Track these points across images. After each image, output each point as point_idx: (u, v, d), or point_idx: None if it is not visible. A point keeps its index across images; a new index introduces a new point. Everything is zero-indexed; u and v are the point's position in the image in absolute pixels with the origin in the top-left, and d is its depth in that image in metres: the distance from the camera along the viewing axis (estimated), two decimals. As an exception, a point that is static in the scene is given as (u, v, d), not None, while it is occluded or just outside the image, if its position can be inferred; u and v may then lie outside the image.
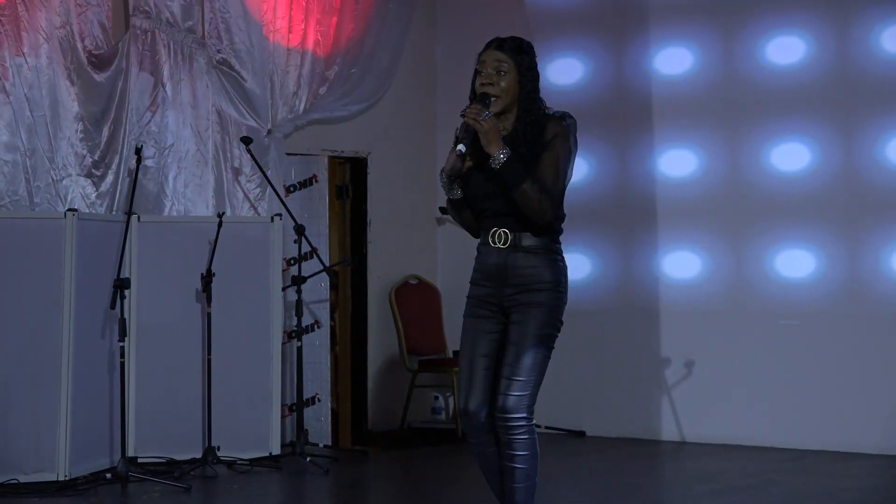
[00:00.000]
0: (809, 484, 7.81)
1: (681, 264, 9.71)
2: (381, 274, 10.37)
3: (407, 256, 10.50)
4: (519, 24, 10.49)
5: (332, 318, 9.89)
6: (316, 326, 9.67)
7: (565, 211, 5.36)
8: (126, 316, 7.96)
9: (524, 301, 5.23)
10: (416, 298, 10.38)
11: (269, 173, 9.28)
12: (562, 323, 5.34)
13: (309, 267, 9.04)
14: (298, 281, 8.85)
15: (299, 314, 8.85)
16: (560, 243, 5.35)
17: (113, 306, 7.80)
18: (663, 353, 9.73)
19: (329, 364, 9.70)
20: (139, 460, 8.33)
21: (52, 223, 7.96)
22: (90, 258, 8.05)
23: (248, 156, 9.10)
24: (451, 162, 5.20)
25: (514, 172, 5.10)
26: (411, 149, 10.54)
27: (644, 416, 9.77)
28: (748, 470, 8.30)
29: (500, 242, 5.28)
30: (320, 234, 9.67)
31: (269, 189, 9.33)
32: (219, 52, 9.41)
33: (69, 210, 8.02)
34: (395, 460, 9.11)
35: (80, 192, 8.66)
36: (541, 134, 5.21)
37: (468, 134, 5.13)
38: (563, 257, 5.35)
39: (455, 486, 5.50)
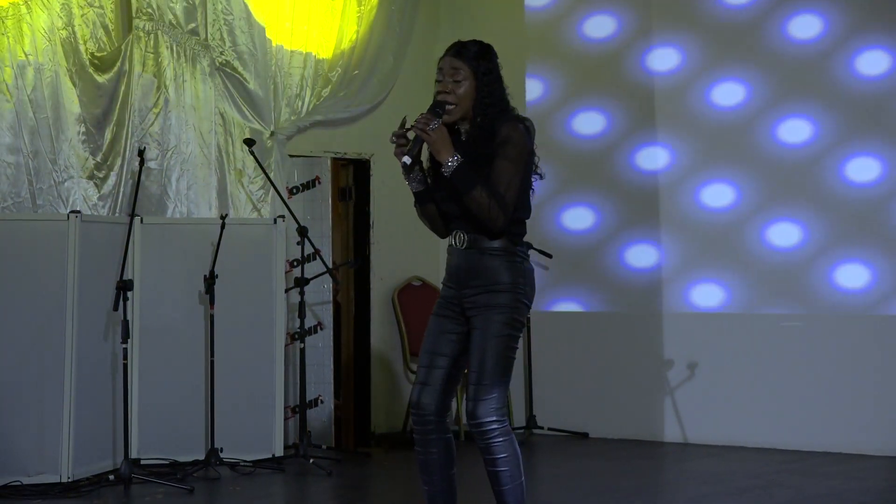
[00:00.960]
0: (814, 485, 7.80)
1: (684, 266, 9.70)
2: (384, 276, 10.37)
3: (410, 258, 10.50)
4: (520, 26, 10.53)
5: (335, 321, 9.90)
6: (319, 328, 9.67)
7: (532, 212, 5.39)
8: (129, 318, 7.95)
9: (483, 303, 5.23)
10: (419, 300, 10.37)
11: (272, 175, 9.29)
12: (523, 324, 5.32)
13: (312, 269, 9.05)
14: (301, 283, 8.85)
15: (302, 316, 8.85)
16: (522, 245, 5.34)
17: (116, 308, 7.80)
18: (666, 355, 9.72)
19: (332, 366, 9.70)
20: (142, 462, 8.34)
21: (54, 225, 7.96)
22: (93, 260, 8.05)
23: (251, 157, 9.10)
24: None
25: (463, 179, 5.10)
26: (414, 150, 10.53)
27: (647, 418, 9.76)
28: (752, 471, 8.29)
29: (460, 244, 5.30)
30: (323, 236, 9.67)
31: (271, 191, 9.34)
32: (221, 53, 9.41)
33: (72, 212, 8.02)
34: (397, 462, 9.11)
35: (82, 194, 8.66)
36: (493, 135, 5.19)
37: (416, 144, 5.16)
38: (524, 258, 5.33)
39: (459, 488, 5.50)
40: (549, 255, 10.20)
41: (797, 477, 8.09)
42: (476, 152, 5.19)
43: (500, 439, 5.20)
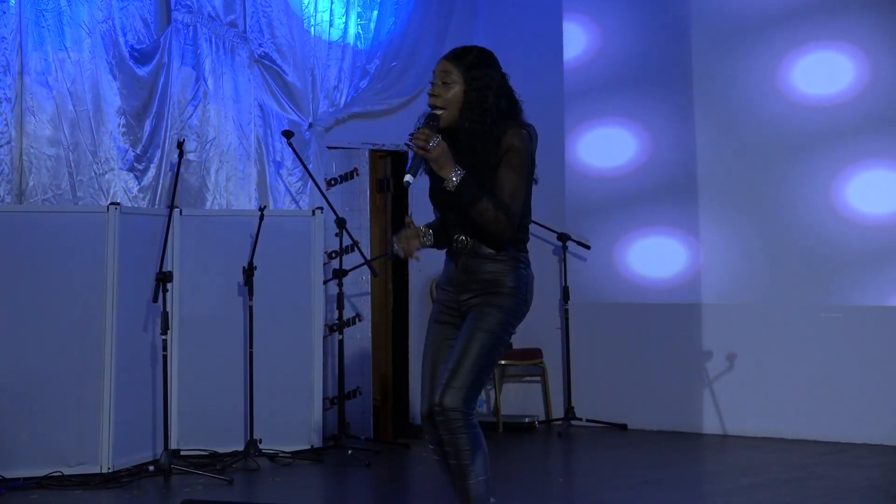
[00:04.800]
0: (853, 477, 7.76)
1: (722, 257, 9.67)
2: (422, 267, 10.36)
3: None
4: (557, 16, 10.51)
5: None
6: (357, 319, 9.68)
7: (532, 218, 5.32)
8: (168, 309, 7.98)
9: (481, 302, 5.14)
10: (457, 291, 10.35)
11: (310, 167, 9.30)
12: (514, 329, 5.20)
13: (350, 260, 9.06)
14: (339, 274, 8.86)
15: (340, 307, 8.86)
16: (526, 252, 5.26)
17: (155, 300, 7.83)
18: (705, 346, 9.69)
19: (370, 357, 9.71)
20: (182, 453, 8.36)
21: (94, 217, 8.00)
22: (133, 252, 8.09)
23: (290, 149, 9.12)
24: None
25: (468, 192, 5.00)
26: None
27: (686, 409, 9.73)
28: (792, 463, 8.25)
29: (461, 248, 5.23)
30: (361, 228, 9.69)
31: (310, 182, 9.36)
32: (260, 46, 9.44)
33: (112, 204, 8.05)
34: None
35: (122, 186, 8.70)
36: (496, 143, 5.08)
37: (417, 163, 5.04)
38: (526, 265, 5.23)
39: (496, 480, 5.48)
40: (588, 247, 10.19)
41: (837, 468, 8.05)
42: (476, 160, 5.08)
43: (466, 430, 5.06)
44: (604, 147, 10.31)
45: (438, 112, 5.16)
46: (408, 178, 5.06)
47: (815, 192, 9.25)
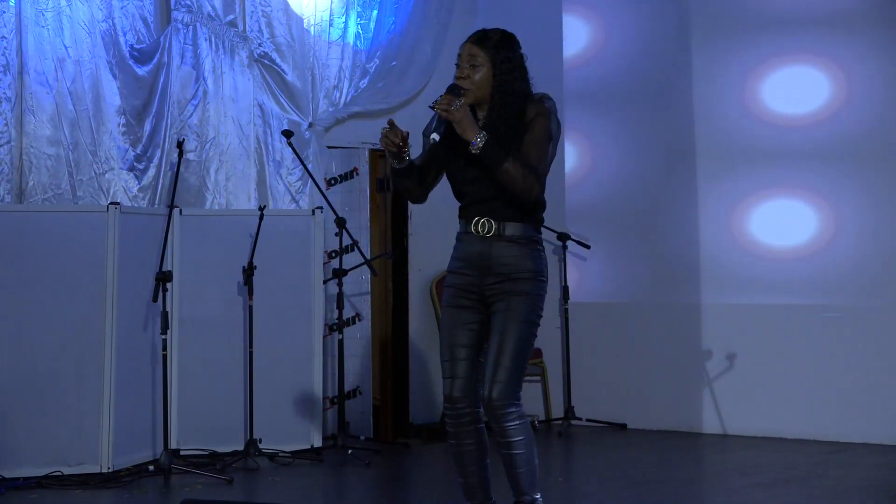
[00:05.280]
0: (853, 477, 7.76)
1: (722, 256, 9.67)
2: (422, 267, 10.37)
3: (447, 249, 10.31)
4: (557, 15, 10.51)
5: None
6: (357, 319, 9.68)
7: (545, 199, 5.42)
8: (168, 309, 7.98)
9: (507, 290, 5.28)
10: (457, 291, 10.35)
11: (310, 166, 9.30)
12: (542, 312, 5.36)
13: (350, 260, 9.06)
14: (339, 274, 8.86)
15: (340, 307, 8.86)
16: (542, 233, 5.42)
17: (155, 299, 7.82)
18: (705, 346, 9.69)
19: (370, 357, 9.71)
20: (181, 452, 8.37)
21: (94, 217, 8.00)
22: (132, 251, 8.09)
23: (290, 149, 9.12)
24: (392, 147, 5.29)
25: (493, 154, 5.15)
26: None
27: (686, 409, 9.73)
28: (792, 463, 8.25)
29: (483, 231, 5.33)
30: (361, 227, 9.68)
31: (310, 182, 9.36)
32: (260, 45, 9.45)
33: (111, 203, 8.05)
34: (436, 453, 9.11)
35: (122, 186, 8.71)
36: (521, 118, 5.25)
37: (441, 124, 5.18)
38: (543, 248, 5.41)
39: (495, 479, 5.52)
40: (588, 246, 10.19)
41: (837, 468, 8.05)
42: (497, 134, 5.22)
43: (518, 422, 5.26)
44: (604, 146, 10.31)
45: (463, 90, 5.29)
46: (434, 135, 5.18)
47: (814, 190, 9.25)
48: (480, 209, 5.33)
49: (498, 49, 5.31)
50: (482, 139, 5.15)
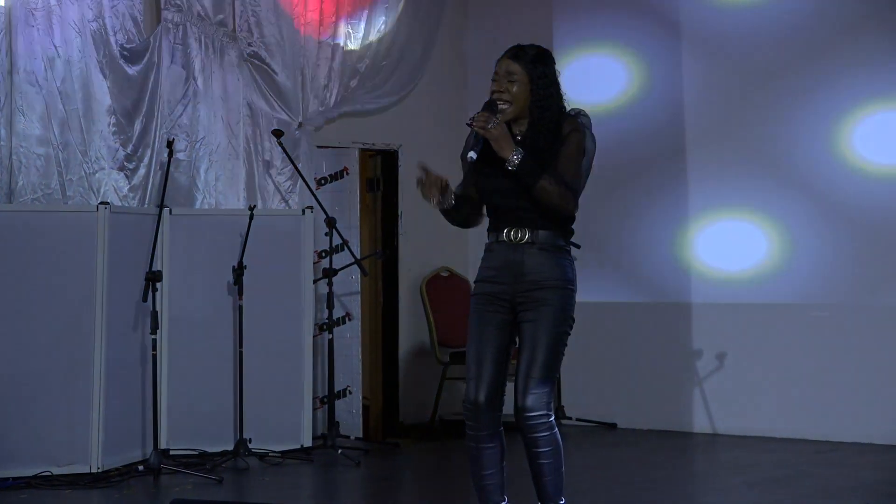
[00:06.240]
0: (843, 476, 7.78)
1: (712, 256, 9.68)
2: (412, 266, 10.38)
3: (438, 249, 10.49)
4: (547, 16, 10.51)
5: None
6: (347, 319, 9.68)
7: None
8: (158, 308, 7.98)
9: (537, 298, 5.29)
10: (447, 291, 10.37)
11: (300, 166, 9.30)
12: (574, 320, 5.39)
13: (340, 259, 9.06)
14: (329, 273, 8.86)
15: (330, 307, 8.87)
16: (570, 243, 5.44)
17: (145, 299, 7.82)
18: (695, 346, 9.70)
19: (360, 356, 9.71)
20: (171, 452, 8.35)
21: (84, 216, 7.99)
22: (122, 251, 8.08)
23: (279, 149, 9.12)
24: (437, 187, 5.23)
25: (530, 171, 5.16)
26: (442, 141, 10.49)
27: (676, 409, 9.75)
28: (781, 462, 8.27)
29: (515, 239, 5.34)
30: (351, 227, 9.68)
31: (300, 182, 9.36)
32: (250, 45, 9.43)
33: (101, 203, 8.05)
34: (426, 453, 9.12)
35: (112, 186, 8.69)
36: (557, 134, 5.26)
37: (479, 142, 5.19)
38: (571, 256, 5.44)
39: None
40: (578, 246, 10.15)
41: (827, 468, 8.06)
42: (537, 150, 5.23)
43: (548, 433, 5.32)
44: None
45: (503, 106, 5.28)
46: (472, 154, 5.19)
47: (802, 192, 9.26)
48: (513, 218, 5.33)
49: (535, 64, 5.30)
50: (518, 157, 5.15)
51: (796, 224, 9.29)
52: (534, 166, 5.16)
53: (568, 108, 5.39)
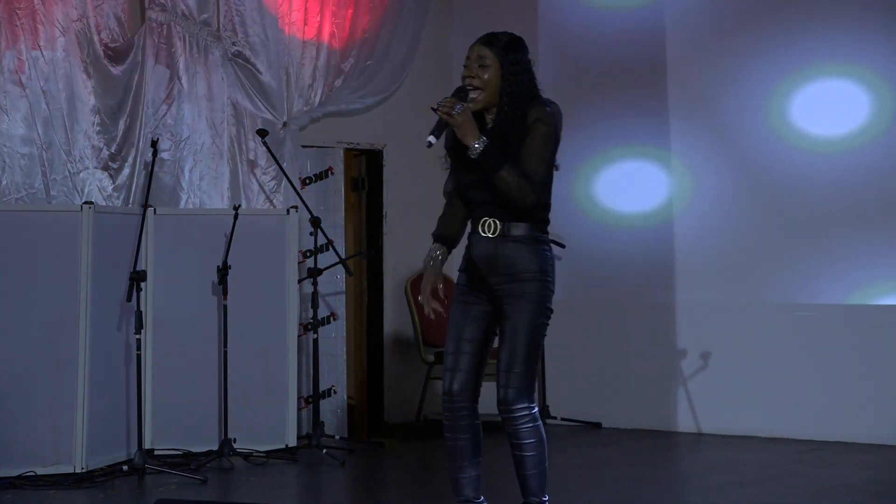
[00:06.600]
0: (828, 475, 7.79)
1: (695, 255, 9.69)
2: (397, 266, 10.37)
3: (423, 248, 10.29)
4: (533, 16, 10.52)
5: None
6: (332, 318, 9.67)
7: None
8: (142, 308, 7.96)
9: (513, 292, 5.32)
10: (432, 290, 10.36)
11: (284, 166, 9.29)
12: (551, 311, 5.42)
13: (325, 259, 9.05)
14: (314, 273, 8.86)
15: (315, 306, 8.86)
16: (547, 233, 5.45)
17: (129, 299, 7.81)
18: (680, 345, 9.71)
19: (345, 356, 9.70)
20: (156, 452, 8.34)
21: (68, 216, 7.97)
22: (106, 251, 8.06)
23: (264, 148, 9.12)
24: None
25: (490, 160, 5.17)
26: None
27: (661, 408, 9.76)
28: (766, 461, 8.28)
29: (488, 231, 5.37)
30: (336, 227, 9.68)
31: (284, 181, 9.35)
32: (234, 44, 9.42)
33: (86, 203, 8.02)
34: (411, 452, 9.11)
35: (96, 185, 8.68)
36: (524, 121, 5.27)
37: (440, 128, 5.22)
38: (549, 247, 5.44)
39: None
40: (563, 245, 10.18)
41: (811, 467, 8.08)
42: (504, 137, 5.24)
43: (529, 425, 5.36)
44: (580, 144, 10.30)
45: (474, 94, 5.31)
46: (430, 138, 5.20)
47: (784, 189, 9.28)
48: (486, 210, 5.36)
49: (507, 51, 5.33)
50: (481, 144, 5.17)
51: (781, 223, 9.30)
52: (496, 155, 5.16)
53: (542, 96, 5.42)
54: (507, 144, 5.22)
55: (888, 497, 7.17)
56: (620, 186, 10.14)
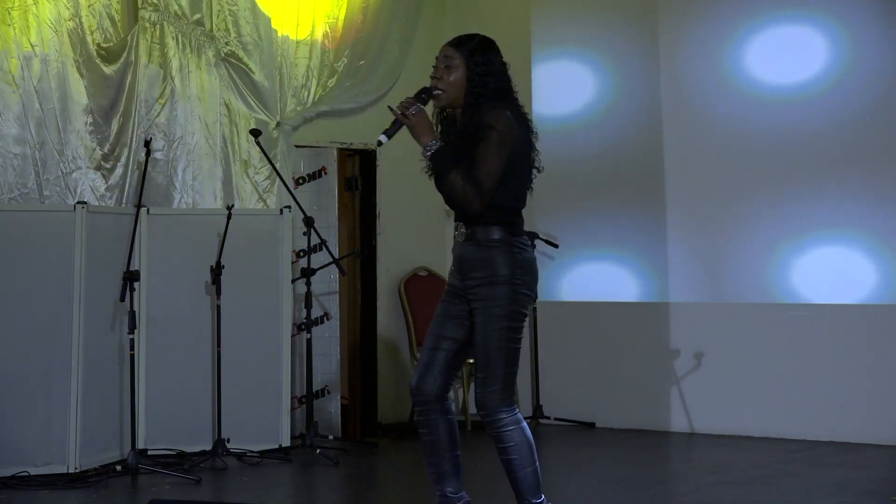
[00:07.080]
0: (820, 475, 7.79)
1: (690, 256, 9.69)
2: (391, 266, 10.37)
3: (416, 248, 10.50)
4: (525, 16, 10.52)
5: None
6: (325, 318, 9.67)
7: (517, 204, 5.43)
8: (136, 308, 7.95)
9: (481, 295, 5.31)
10: (425, 290, 10.37)
11: (278, 165, 9.29)
12: (523, 314, 5.36)
13: (318, 259, 9.05)
14: (307, 273, 8.85)
15: (308, 306, 8.86)
16: (521, 235, 5.38)
17: (123, 299, 7.79)
18: (673, 345, 9.72)
19: (338, 356, 9.70)
20: (149, 452, 8.35)
21: (61, 216, 7.97)
22: (100, 251, 8.06)
23: (257, 148, 9.11)
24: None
25: (440, 163, 5.21)
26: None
27: (654, 408, 9.76)
28: (758, 461, 8.28)
29: (458, 235, 5.40)
30: (329, 227, 9.67)
31: (277, 181, 9.35)
32: (227, 44, 9.42)
33: (79, 203, 8.02)
34: (404, 452, 9.12)
35: (89, 185, 8.67)
36: (481, 124, 5.24)
37: (394, 127, 5.28)
38: (523, 248, 5.37)
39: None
40: (556, 245, 10.20)
41: (804, 467, 8.08)
42: (466, 139, 5.25)
43: (510, 428, 5.31)
44: (572, 145, 10.30)
45: (436, 93, 5.34)
46: (382, 136, 5.27)
47: (781, 188, 9.28)
48: (458, 214, 5.39)
49: (474, 53, 5.34)
50: (431, 147, 5.21)
51: (774, 222, 9.30)
52: (447, 159, 5.18)
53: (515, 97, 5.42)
54: (470, 147, 5.22)
55: (879, 496, 7.18)
56: (618, 187, 10.13)
